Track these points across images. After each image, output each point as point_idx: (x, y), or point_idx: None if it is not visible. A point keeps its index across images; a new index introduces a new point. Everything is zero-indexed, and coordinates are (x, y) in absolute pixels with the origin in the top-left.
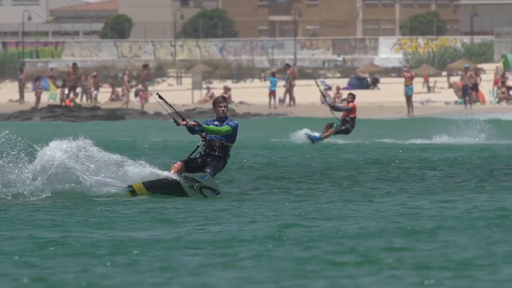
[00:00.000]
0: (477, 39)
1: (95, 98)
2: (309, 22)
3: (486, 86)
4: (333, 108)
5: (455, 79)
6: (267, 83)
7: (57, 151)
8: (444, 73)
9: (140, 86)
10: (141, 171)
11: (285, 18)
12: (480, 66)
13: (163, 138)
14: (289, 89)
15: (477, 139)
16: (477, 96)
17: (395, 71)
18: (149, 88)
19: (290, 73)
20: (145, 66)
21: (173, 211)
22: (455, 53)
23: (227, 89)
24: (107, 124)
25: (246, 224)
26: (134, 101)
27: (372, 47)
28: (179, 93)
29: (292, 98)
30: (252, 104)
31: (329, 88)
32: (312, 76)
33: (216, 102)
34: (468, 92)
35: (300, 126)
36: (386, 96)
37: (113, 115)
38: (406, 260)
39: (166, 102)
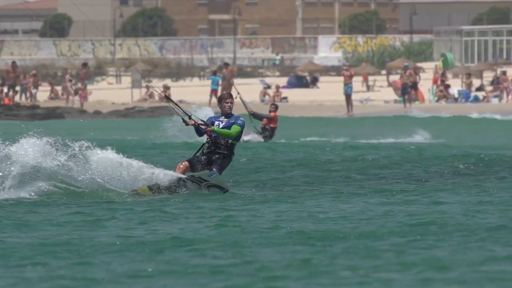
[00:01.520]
0: (417, 38)
1: (35, 97)
2: (249, 21)
3: (426, 85)
4: (254, 116)
5: (395, 78)
6: (207, 82)
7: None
8: (384, 72)
9: (79, 85)
10: (148, 171)
11: (225, 17)
12: (419, 65)
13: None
14: (227, 88)
15: (413, 138)
16: (416, 95)
17: (334, 70)
18: (155, 85)
19: (229, 72)
20: (84, 64)
21: (174, 209)
22: (395, 52)
23: (166, 88)
24: (47, 123)
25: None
26: (73, 100)
27: (311, 46)
28: (118, 91)
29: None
30: (192, 103)
31: (269, 87)
32: (252, 75)
33: (222, 98)
34: (408, 91)
35: None
36: (326, 95)
37: (52, 113)
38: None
39: (173, 102)
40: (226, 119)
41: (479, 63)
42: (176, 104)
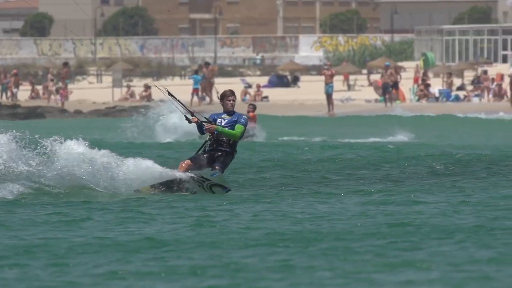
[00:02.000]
0: (397, 37)
1: (16, 96)
2: (230, 20)
3: (406, 84)
4: None
5: (375, 77)
6: (188, 81)
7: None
8: (364, 71)
9: (60, 84)
10: (152, 170)
11: (206, 16)
12: (400, 64)
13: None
14: (208, 87)
15: (393, 137)
16: (397, 94)
17: (315, 69)
18: (158, 84)
19: (210, 71)
20: (65, 64)
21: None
22: (376, 51)
23: (147, 87)
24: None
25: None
26: (54, 99)
27: (292, 45)
28: (99, 91)
29: (209, 95)
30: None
31: (250, 86)
32: (232, 74)
33: (225, 95)
34: (388, 90)
35: None
36: (307, 94)
37: (33, 113)
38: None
39: (177, 100)
40: (228, 117)
41: (460, 63)
42: (179, 102)
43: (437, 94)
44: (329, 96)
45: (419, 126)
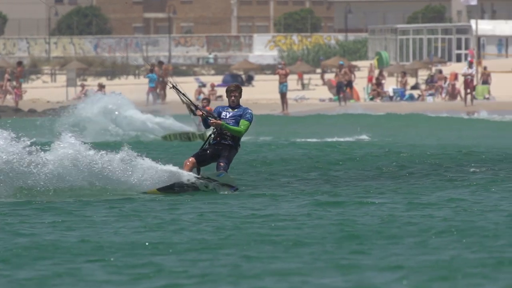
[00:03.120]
0: (352, 36)
1: None
2: (184, 20)
3: (361, 83)
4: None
5: (330, 76)
6: (142, 80)
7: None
8: (319, 70)
9: (14, 83)
10: (160, 171)
11: (160, 15)
12: (354, 63)
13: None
14: (163, 86)
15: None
16: (351, 93)
17: (269, 68)
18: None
19: (164, 70)
20: (19, 63)
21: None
22: (330, 50)
23: (101, 86)
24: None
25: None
26: (8, 98)
27: (246, 44)
28: (53, 90)
29: (162, 95)
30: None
31: (204, 85)
32: (187, 73)
33: (228, 90)
34: (343, 89)
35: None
36: (261, 93)
37: None
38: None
39: (181, 93)
40: (233, 110)
41: (414, 62)
42: (184, 95)
43: (391, 93)
44: (283, 95)
45: (375, 125)
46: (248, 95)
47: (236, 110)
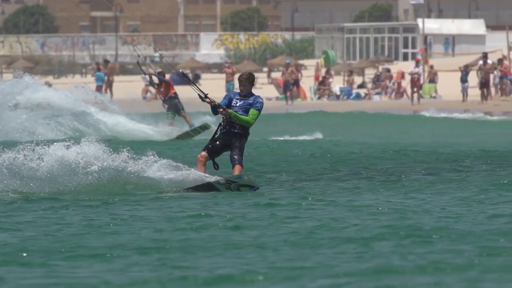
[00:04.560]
0: (298, 35)
1: None
2: (130, 18)
3: (307, 82)
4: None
5: (276, 75)
6: (89, 79)
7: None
8: (265, 69)
9: None
10: (186, 176)
11: (106, 14)
12: (301, 62)
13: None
14: (109, 85)
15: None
16: (298, 92)
17: (216, 67)
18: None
19: (109, 69)
20: None
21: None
22: (276, 49)
23: (48, 85)
24: None
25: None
26: None
27: (193, 43)
28: None
29: (107, 93)
30: None
31: (151, 84)
32: (133, 71)
33: (239, 79)
34: (289, 88)
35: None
36: (208, 92)
37: None
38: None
39: (190, 80)
40: (244, 98)
41: (361, 60)
42: (193, 83)
43: (338, 92)
44: None
45: (326, 124)
46: (194, 93)
47: (246, 98)
